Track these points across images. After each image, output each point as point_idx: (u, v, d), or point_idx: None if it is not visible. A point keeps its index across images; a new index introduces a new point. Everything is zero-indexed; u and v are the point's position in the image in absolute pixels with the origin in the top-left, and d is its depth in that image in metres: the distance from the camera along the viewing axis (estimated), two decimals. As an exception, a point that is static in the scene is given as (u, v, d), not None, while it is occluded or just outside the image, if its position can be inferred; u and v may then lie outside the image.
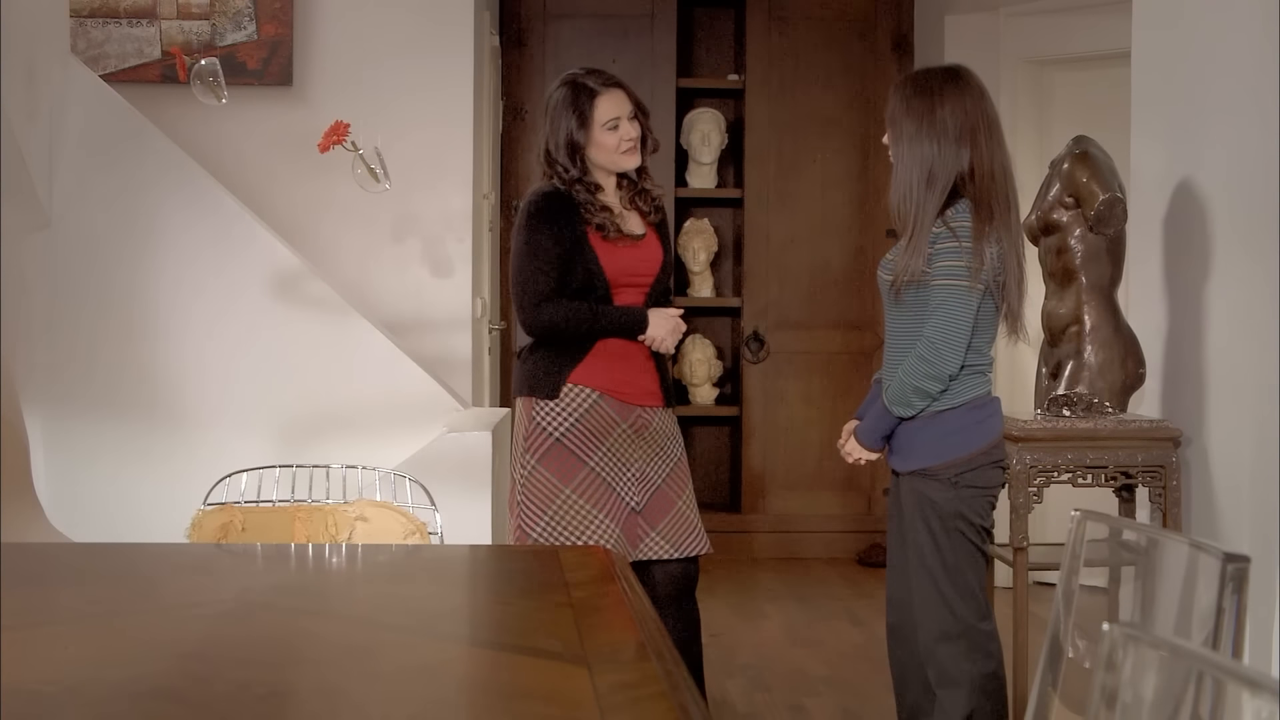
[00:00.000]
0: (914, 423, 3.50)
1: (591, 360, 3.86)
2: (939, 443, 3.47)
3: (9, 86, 4.21)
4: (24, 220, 4.50)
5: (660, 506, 3.89)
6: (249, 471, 3.20)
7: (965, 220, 3.42)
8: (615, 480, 3.84)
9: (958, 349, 3.41)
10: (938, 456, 3.47)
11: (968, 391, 3.49)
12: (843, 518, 7.29)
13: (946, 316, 3.40)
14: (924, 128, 3.46)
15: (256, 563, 2.91)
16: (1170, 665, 1.57)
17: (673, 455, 3.95)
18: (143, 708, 1.81)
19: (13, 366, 4.28)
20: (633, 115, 3.90)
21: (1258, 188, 3.74)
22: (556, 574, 2.62)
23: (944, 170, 3.44)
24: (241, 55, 5.53)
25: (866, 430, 3.60)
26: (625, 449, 3.87)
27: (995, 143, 3.48)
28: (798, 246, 7.29)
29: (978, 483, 3.49)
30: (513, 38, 7.25)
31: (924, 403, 3.45)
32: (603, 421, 3.85)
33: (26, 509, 4.27)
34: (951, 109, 3.45)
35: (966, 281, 3.40)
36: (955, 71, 3.54)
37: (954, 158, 3.44)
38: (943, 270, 3.41)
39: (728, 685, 4.97)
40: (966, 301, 3.41)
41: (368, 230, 5.61)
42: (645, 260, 3.94)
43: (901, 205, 3.49)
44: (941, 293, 3.41)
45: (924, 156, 3.45)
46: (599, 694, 1.82)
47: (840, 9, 7.29)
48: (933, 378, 3.42)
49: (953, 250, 3.42)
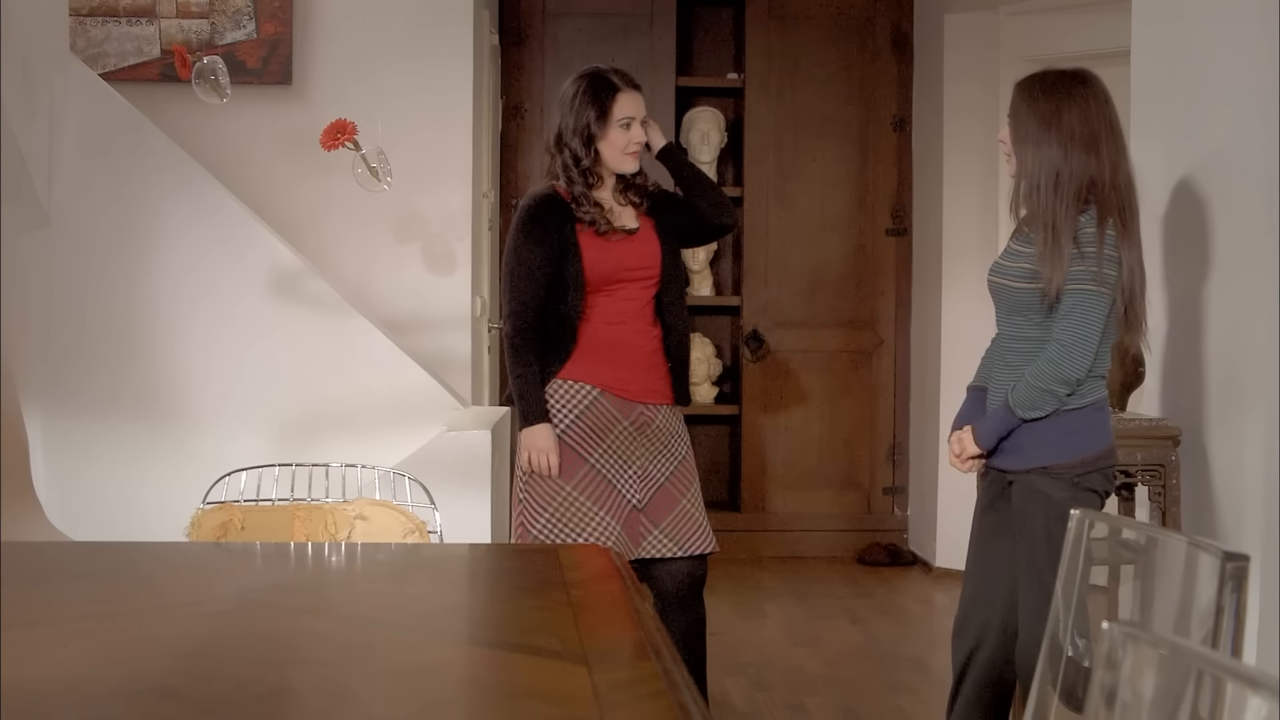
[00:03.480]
0: (1036, 421, 3.45)
1: (580, 357, 3.88)
2: (1063, 441, 3.43)
3: (8, 85, 4.21)
4: (23, 219, 4.49)
5: (663, 504, 3.89)
6: (248, 470, 3.20)
7: (1089, 226, 3.39)
8: (616, 477, 3.84)
9: (1088, 353, 3.38)
10: (1062, 455, 3.43)
11: (1092, 394, 3.46)
12: (842, 517, 7.29)
13: (1078, 321, 3.37)
14: (1050, 131, 3.41)
15: (256, 561, 2.91)
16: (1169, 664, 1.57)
17: (677, 453, 3.95)
18: (142, 706, 1.81)
19: (12, 365, 4.28)
20: (644, 121, 3.97)
21: (1257, 186, 3.74)
22: (556, 572, 2.62)
23: (1071, 176, 3.39)
24: (241, 54, 5.53)
25: (986, 430, 3.50)
26: (627, 446, 3.87)
27: (1119, 149, 3.44)
28: (797, 245, 7.29)
29: (1096, 486, 3.46)
30: (512, 36, 7.25)
31: (1052, 405, 3.41)
32: (603, 418, 3.86)
33: (26, 508, 4.27)
34: (1080, 114, 3.41)
35: (1097, 286, 3.37)
36: (1081, 75, 3.47)
37: (1081, 164, 3.39)
38: (1074, 275, 3.37)
39: (727, 684, 4.97)
40: (1098, 306, 3.37)
41: (367, 229, 5.61)
42: (641, 254, 3.94)
43: (1032, 208, 3.44)
44: (1074, 297, 3.37)
45: (1050, 160, 3.40)
46: (598, 692, 1.82)
47: (839, 7, 7.29)
48: (1062, 381, 3.39)
49: (1089, 256, 3.37)
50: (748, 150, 7.29)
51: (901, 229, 7.31)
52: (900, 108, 7.31)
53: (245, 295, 4.87)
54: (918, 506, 7.20)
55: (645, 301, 3.95)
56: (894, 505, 7.35)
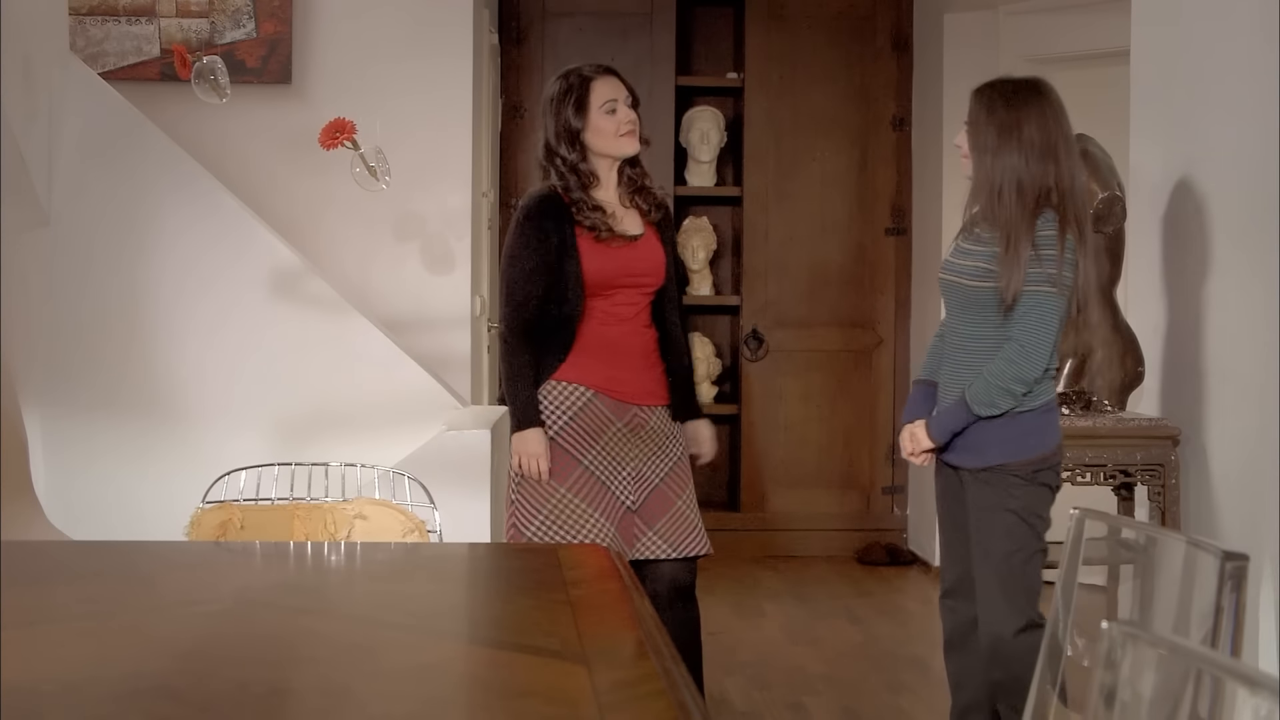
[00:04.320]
0: (991, 421, 3.51)
1: (575, 359, 3.85)
2: (1017, 441, 3.51)
3: (8, 85, 4.21)
4: (23, 218, 4.49)
5: (658, 506, 3.87)
6: (248, 469, 3.20)
7: (1050, 229, 3.45)
8: (610, 479, 3.83)
9: (1045, 353, 3.45)
10: (1016, 454, 3.50)
11: (1043, 395, 3.54)
12: (842, 516, 7.29)
13: (1036, 322, 3.44)
14: (1010, 140, 3.47)
15: (255, 561, 2.91)
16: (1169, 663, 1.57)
17: (672, 454, 3.92)
18: (142, 706, 1.80)
19: (12, 364, 4.28)
20: (630, 101, 3.90)
21: (1257, 186, 3.74)
22: (555, 572, 2.62)
23: (1032, 183, 3.46)
24: (240, 53, 5.53)
25: (940, 426, 3.59)
26: (621, 447, 3.86)
27: (1075, 159, 3.53)
28: (797, 244, 7.29)
29: (1048, 481, 3.54)
30: (512, 36, 7.25)
31: (1009, 404, 3.48)
32: (597, 420, 3.84)
33: (26, 507, 4.27)
34: (1038, 124, 3.48)
35: (1054, 288, 3.44)
36: (1038, 85, 3.55)
37: (1040, 172, 3.46)
38: (1033, 277, 3.44)
39: (727, 683, 4.97)
40: (1056, 308, 3.45)
41: (367, 228, 5.61)
42: (641, 260, 3.90)
43: (993, 213, 3.49)
44: (1032, 299, 3.44)
45: (1012, 167, 3.47)
46: (598, 692, 1.82)
47: (839, 7, 7.29)
48: (1021, 380, 3.46)
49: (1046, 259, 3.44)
50: (747, 150, 7.28)
51: (901, 228, 7.31)
52: (900, 107, 7.31)
53: (245, 294, 4.87)
54: (917, 506, 7.19)
55: (643, 306, 3.92)
56: (893, 505, 7.35)
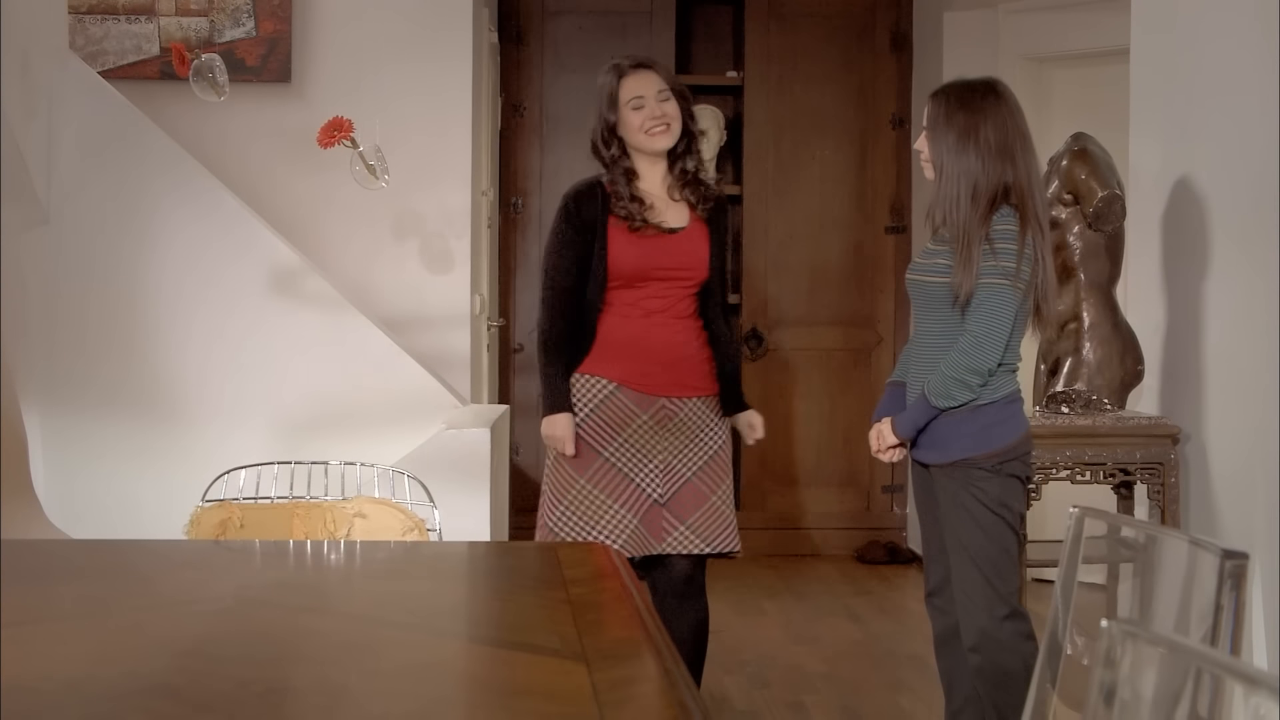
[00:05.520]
0: (953, 416, 3.54)
1: (599, 352, 3.87)
2: (981, 434, 3.53)
3: (7, 83, 4.21)
4: (22, 217, 4.49)
5: (691, 500, 3.85)
6: (247, 468, 3.20)
7: (1009, 225, 3.49)
8: (634, 471, 3.83)
9: (999, 345, 3.48)
10: (981, 447, 3.52)
11: (1004, 387, 3.56)
12: (842, 515, 7.29)
13: (990, 314, 3.47)
14: (968, 142, 3.51)
15: (255, 559, 2.91)
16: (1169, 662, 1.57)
17: (708, 447, 3.90)
18: (141, 704, 1.80)
19: (12, 363, 4.28)
20: (664, 95, 3.90)
21: (1256, 185, 3.74)
22: (555, 570, 2.62)
23: (988, 184, 3.50)
24: (240, 52, 5.53)
25: (905, 420, 3.63)
26: (647, 440, 3.85)
27: (1032, 156, 3.57)
28: (796, 243, 7.29)
29: (1017, 472, 3.57)
30: (511, 34, 7.25)
31: (965, 396, 3.51)
32: (620, 412, 3.85)
33: (25, 506, 4.27)
34: (994, 125, 3.51)
35: (1009, 282, 3.47)
36: (994, 86, 3.59)
37: (997, 172, 3.50)
38: (987, 270, 3.47)
39: (726, 682, 4.97)
40: (1010, 301, 3.47)
41: (366, 227, 5.60)
42: (679, 254, 3.88)
43: (950, 216, 3.53)
44: (986, 292, 3.48)
45: (969, 170, 3.51)
46: (597, 690, 1.82)
47: (839, 6, 7.29)
48: (974, 371, 3.49)
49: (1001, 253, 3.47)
50: (747, 148, 7.28)
51: (900, 227, 7.31)
52: (899, 106, 7.31)
53: (244, 293, 4.86)
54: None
55: (676, 299, 3.89)
56: (893, 503, 7.34)
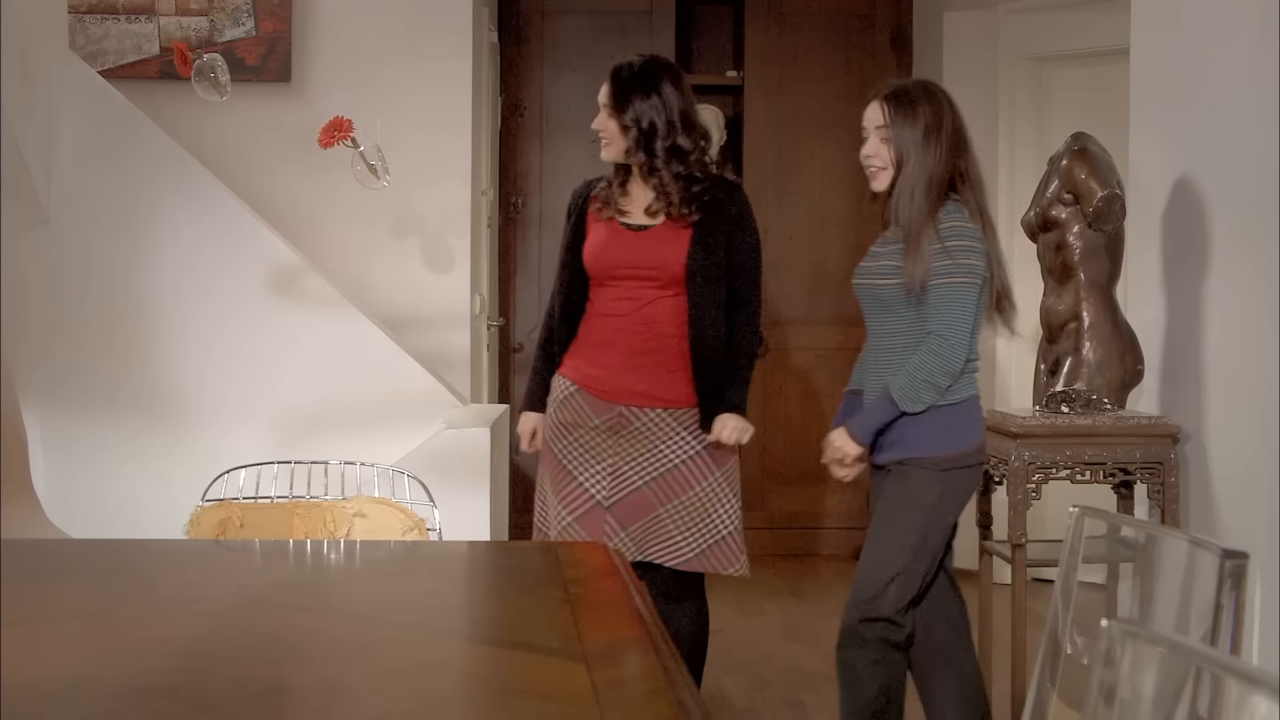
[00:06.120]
0: (912, 416, 3.51)
1: (573, 352, 3.92)
2: (936, 436, 3.50)
3: (7, 83, 4.21)
4: (23, 216, 4.50)
5: (637, 508, 3.79)
6: (247, 467, 3.20)
7: (960, 221, 3.49)
8: (579, 471, 3.82)
9: (965, 343, 3.47)
10: (933, 449, 3.50)
11: (966, 389, 3.55)
12: (842, 514, 7.29)
13: (953, 312, 3.46)
14: (932, 136, 3.52)
15: (255, 559, 2.91)
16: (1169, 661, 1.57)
17: (668, 459, 3.80)
18: (141, 704, 1.80)
19: (12, 362, 4.28)
20: (610, 112, 3.82)
21: (1256, 184, 3.74)
22: (555, 570, 2.62)
23: (939, 179, 3.51)
24: (240, 51, 5.53)
25: (864, 426, 3.56)
26: (597, 444, 3.83)
27: (972, 152, 3.59)
28: (796, 243, 7.29)
29: (962, 481, 3.54)
30: (511, 34, 7.25)
31: (933, 397, 3.49)
32: (573, 414, 3.87)
33: (25, 505, 4.27)
34: (951, 121, 3.54)
35: (968, 279, 3.47)
36: (931, 86, 3.62)
37: (949, 167, 3.52)
38: (943, 269, 3.47)
39: (726, 682, 4.97)
40: (970, 297, 3.47)
41: (367, 227, 5.61)
42: (644, 251, 3.81)
43: (903, 212, 3.53)
44: (945, 289, 3.46)
45: (929, 164, 3.51)
46: (597, 690, 1.82)
47: (839, 5, 7.29)
48: (946, 372, 3.46)
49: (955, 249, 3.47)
50: (747, 148, 7.28)
51: (901, 227, 7.30)
52: (899, 105, 7.30)
53: (244, 292, 4.87)
54: (917, 504, 7.19)
55: (646, 300, 3.84)
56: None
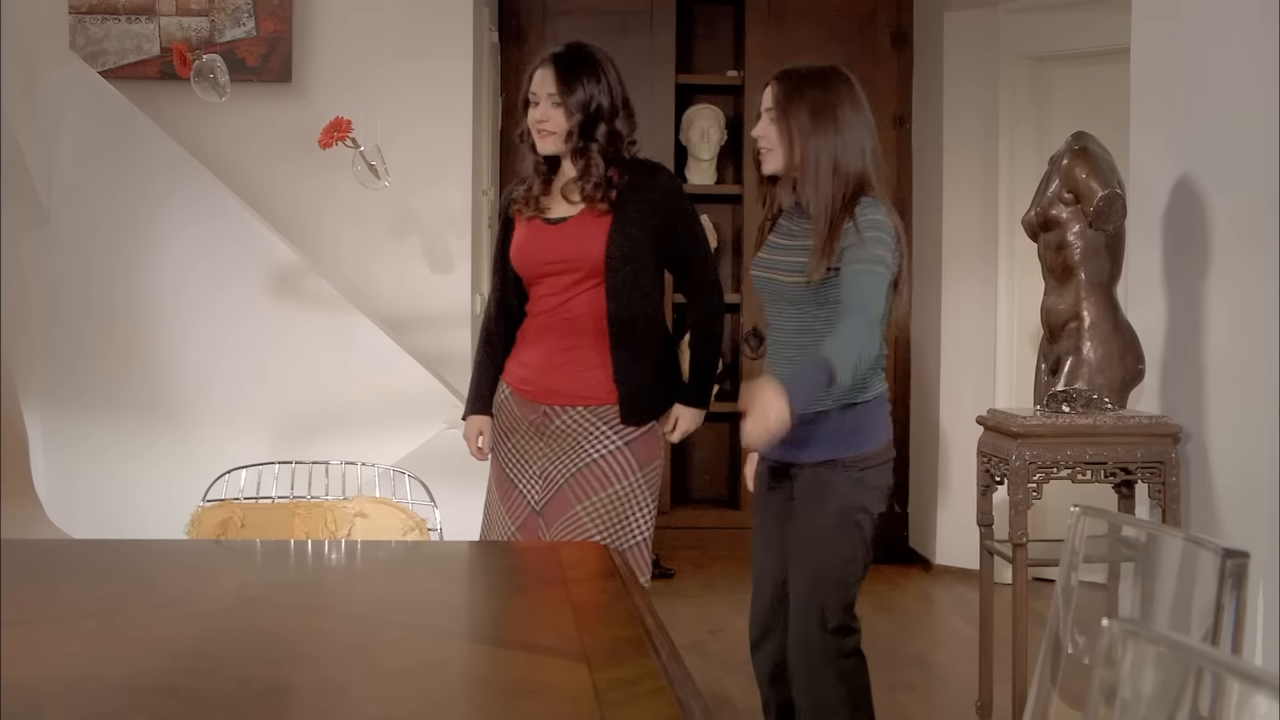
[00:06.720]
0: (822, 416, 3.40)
1: (511, 354, 3.80)
2: (849, 437, 3.42)
3: (8, 83, 4.21)
4: (23, 217, 4.50)
5: (557, 508, 3.69)
6: (248, 468, 3.20)
7: (878, 215, 3.38)
8: (518, 477, 3.75)
9: (879, 329, 3.35)
10: (847, 449, 3.41)
11: (876, 386, 3.46)
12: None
13: (871, 300, 3.30)
14: (825, 119, 3.42)
15: (256, 559, 2.91)
16: (1169, 661, 1.57)
17: (586, 455, 3.68)
18: (142, 704, 1.81)
19: (13, 363, 4.28)
20: (555, 100, 3.66)
21: (1257, 184, 3.74)
22: (555, 570, 2.63)
23: (847, 165, 3.41)
24: (240, 52, 5.53)
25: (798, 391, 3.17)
26: (528, 446, 3.74)
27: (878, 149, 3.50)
28: (797, 243, 7.28)
29: (878, 480, 3.46)
30: (512, 34, 7.25)
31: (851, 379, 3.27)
32: (509, 418, 3.77)
33: (26, 505, 4.27)
34: (850, 106, 3.45)
35: (881, 268, 3.34)
36: (841, 71, 3.51)
37: (855, 155, 3.42)
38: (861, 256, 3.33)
39: (726, 681, 4.97)
40: (883, 286, 3.33)
41: (367, 227, 5.61)
42: (562, 243, 3.67)
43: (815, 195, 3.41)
44: (861, 277, 3.31)
45: (829, 146, 3.41)
46: (598, 689, 1.82)
47: (839, 5, 7.28)
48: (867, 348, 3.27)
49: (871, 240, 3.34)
50: (747, 148, 7.26)
51: (901, 226, 7.30)
52: (900, 106, 7.30)
53: (245, 293, 4.87)
54: (917, 504, 7.19)
55: (569, 296, 3.69)
56: (893, 502, 7.33)
